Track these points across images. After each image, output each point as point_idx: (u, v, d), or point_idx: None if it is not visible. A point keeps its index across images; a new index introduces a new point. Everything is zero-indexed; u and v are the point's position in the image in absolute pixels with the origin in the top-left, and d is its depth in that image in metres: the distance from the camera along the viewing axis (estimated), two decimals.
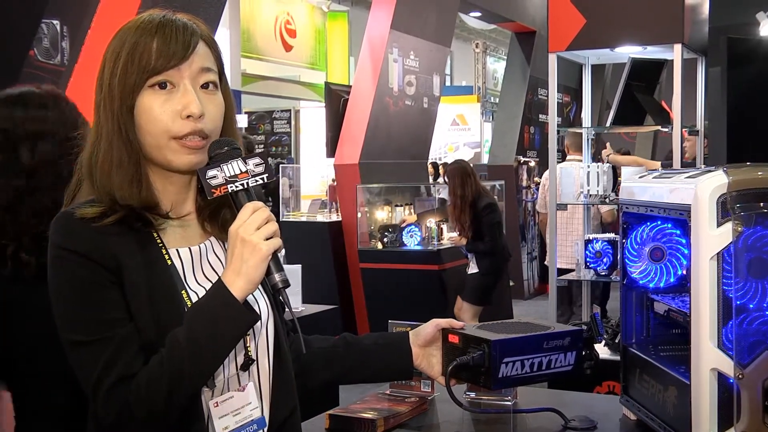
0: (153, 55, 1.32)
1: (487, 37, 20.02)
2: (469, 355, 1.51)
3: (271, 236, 1.29)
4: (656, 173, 1.82)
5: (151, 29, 1.33)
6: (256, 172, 1.33)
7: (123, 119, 1.32)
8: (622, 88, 4.39)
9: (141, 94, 1.32)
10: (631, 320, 1.87)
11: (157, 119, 1.32)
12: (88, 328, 1.27)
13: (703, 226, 1.44)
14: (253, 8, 13.16)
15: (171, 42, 1.33)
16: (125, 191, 1.32)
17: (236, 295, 1.27)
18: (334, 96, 7.76)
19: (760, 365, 1.42)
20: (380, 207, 7.44)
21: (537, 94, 10.84)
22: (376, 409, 1.93)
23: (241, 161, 1.33)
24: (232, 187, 1.32)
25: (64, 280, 1.29)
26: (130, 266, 1.29)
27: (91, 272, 1.28)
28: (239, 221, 1.30)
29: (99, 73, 1.37)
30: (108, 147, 1.34)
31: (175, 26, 1.34)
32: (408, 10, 7.56)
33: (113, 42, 1.36)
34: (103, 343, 1.26)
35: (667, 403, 1.62)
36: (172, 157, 1.34)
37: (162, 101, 1.32)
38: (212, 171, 1.32)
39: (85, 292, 1.28)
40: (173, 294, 1.32)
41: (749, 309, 1.43)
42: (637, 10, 4.33)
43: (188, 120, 1.32)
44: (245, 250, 1.28)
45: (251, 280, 1.29)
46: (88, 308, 1.28)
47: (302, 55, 14.46)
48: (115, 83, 1.33)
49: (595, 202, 4.51)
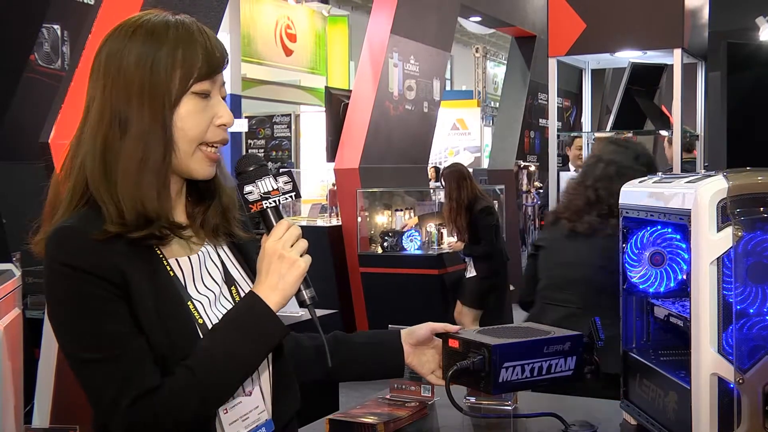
0: (200, 62, 1.32)
1: (487, 41, 20.05)
2: (469, 359, 1.51)
3: (303, 253, 1.32)
4: (656, 178, 1.82)
5: (190, 32, 1.33)
6: (286, 190, 1.36)
7: (167, 119, 1.31)
8: (622, 92, 4.40)
9: (185, 98, 1.32)
10: (631, 325, 1.87)
11: (196, 126, 1.33)
12: (100, 345, 1.24)
13: (703, 230, 1.44)
14: (254, 13, 13.17)
15: (215, 48, 1.35)
16: (154, 202, 1.29)
17: (273, 309, 1.30)
18: (334, 100, 7.76)
19: (760, 370, 1.42)
20: (380, 211, 7.44)
21: (537, 98, 10.85)
22: (376, 414, 1.93)
23: (272, 178, 1.36)
24: (266, 203, 1.35)
25: (68, 298, 1.25)
26: (136, 279, 1.27)
27: (98, 288, 1.24)
28: (274, 237, 1.32)
29: (122, 67, 1.31)
30: (140, 146, 1.29)
31: (209, 33, 1.36)
32: (408, 15, 7.57)
33: (137, 39, 1.31)
34: (117, 359, 1.24)
35: (668, 408, 1.62)
36: (195, 165, 1.35)
37: (201, 108, 1.33)
38: (248, 187, 1.35)
39: (92, 308, 1.25)
40: (180, 306, 1.32)
41: (749, 314, 1.43)
42: (637, 15, 4.33)
43: (220, 128, 1.35)
44: (283, 266, 1.30)
45: (286, 296, 1.31)
46: (97, 325, 1.25)
47: (302, 60, 14.48)
48: (158, 82, 1.30)
49: None
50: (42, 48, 5.92)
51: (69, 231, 1.27)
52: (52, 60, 6.00)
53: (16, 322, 3.14)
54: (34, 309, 4.07)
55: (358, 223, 7.12)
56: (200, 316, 1.33)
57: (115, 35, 1.34)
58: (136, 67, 1.31)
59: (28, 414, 3.51)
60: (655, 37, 4.32)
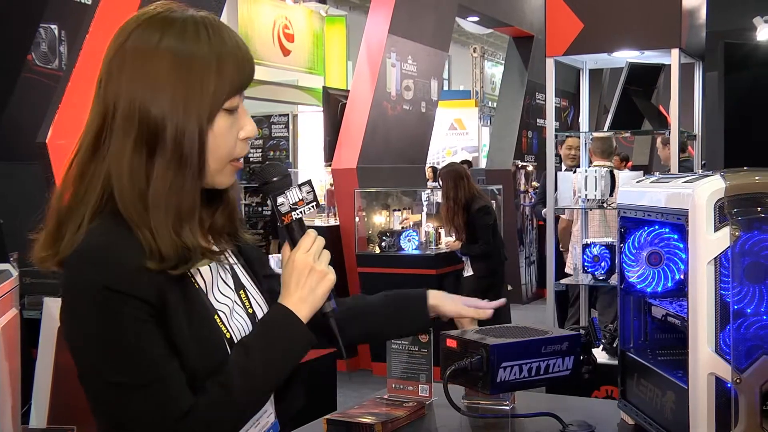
0: (234, 73, 1.24)
1: (485, 41, 20.05)
2: (467, 359, 1.51)
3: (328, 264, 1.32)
4: (654, 177, 1.82)
5: (221, 40, 1.24)
6: (309, 200, 1.35)
7: (204, 139, 1.22)
8: (620, 92, 4.40)
9: (218, 114, 1.24)
10: (629, 325, 1.87)
11: (226, 144, 1.27)
12: (141, 369, 1.17)
13: (700, 230, 1.44)
14: (251, 13, 13.16)
15: (247, 59, 1.27)
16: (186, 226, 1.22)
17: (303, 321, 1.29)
18: (332, 100, 7.76)
19: (757, 370, 1.42)
20: (378, 211, 7.44)
21: (535, 98, 10.85)
22: (374, 414, 1.93)
23: (298, 189, 1.35)
24: (294, 214, 1.34)
25: (106, 322, 1.17)
26: (171, 298, 1.21)
27: (136, 310, 1.17)
28: (303, 249, 1.31)
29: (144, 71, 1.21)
30: (172, 167, 1.20)
31: (238, 38, 1.27)
32: (406, 15, 7.57)
33: (168, 39, 1.21)
34: (155, 384, 1.18)
35: (665, 408, 1.62)
36: (223, 179, 1.30)
37: (231, 124, 1.27)
38: (281, 198, 1.33)
39: (130, 331, 1.17)
40: (209, 320, 1.27)
41: (747, 314, 1.43)
42: (634, 15, 4.34)
43: (244, 141, 1.30)
44: (313, 279, 1.30)
45: (315, 309, 1.31)
46: (135, 349, 1.17)
47: (300, 60, 14.46)
48: (193, 96, 1.21)
49: (592, 206, 4.51)
50: (39, 48, 5.91)
51: (102, 250, 1.18)
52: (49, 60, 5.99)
53: (14, 322, 3.14)
54: (32, 309, 4.07)
55: (355, 223, 7.12)
56: (227, 330, 1.29)
57: (139, 32, 1.23)
58: (169, 74, 1.21)
59: (25, 414, 3.50)
60: (653, 37, 4.32)
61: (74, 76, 4.05)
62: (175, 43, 1.21)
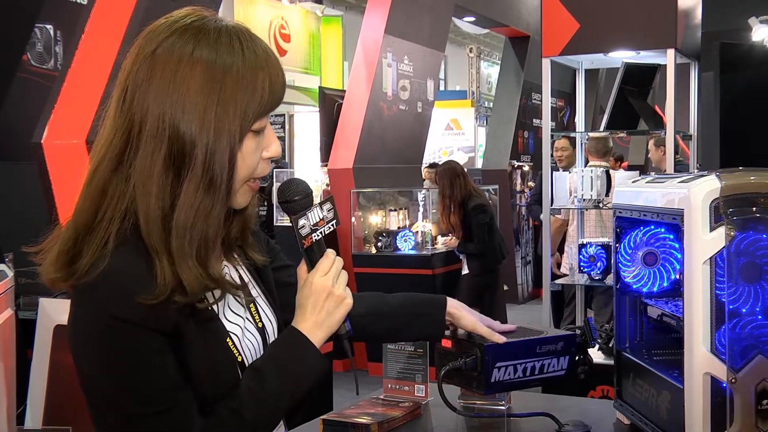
0: (267, 94, 1.18)
1: (481, 41, 20.06)
2: (461, 359, 1.51)
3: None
4: (649, 178, 1.82)
5: (256, 57, 1.17)
6: (329, 218, 1.30)
7: (234, 161, 1.16)
8: (616, 92, 4.40)
9: (247, 135, 1.18)
10: (624, 325, 1.87)
11: (250, 166, 1.20)
12: (152, 399, 1.14)
13: (696, 230, 1.44)
14: (248, 13, 13.15)
15: (280, 79, 1.20)
16: (210, 257, 1.16)
17: (317, 346, 1.25)
18: (328, 100, 7.76)
19: (752, 369, 1.42)
20: (374, 211, 7.44)
21: (531, 98, 10.86)
22: (370, 414, 1.93)
23: (319, 209, 1.28)
24: (315, 236, 1.28)
25: (116, 351, 1.12)
26: (186, 327, 1.17)
27: (150, 340, 1.12)
28: (321, 272, 1.26)
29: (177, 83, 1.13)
30: (200, 190, 1.14)
31: (271, 54, 1.20)
32: (402, 15, 7.57)
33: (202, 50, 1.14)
34: (166, 413, 1.14)
35: (661, 408, 1.62)
36: (240, 200, 1.24)
37: (257, 146, 1.21)
38: (301, 221, 1.26)
39: (144, 361, 1.13)
40: (222, 344, 1.23)
41: (742, 313, 1.43)
42: (630, 15, 4.34)
43: (266, 162, 1.24)
44: (331, 304, 1.25)
45: (330, 333, 1.27)
46: (148, 379, 1.13)
47: (296, 60, 14.46)
48: (226, 115, 1.14)
49: (588, 206, 4.51)
50: (35, 48, 5.90)
51: (123, 279, 1.12)
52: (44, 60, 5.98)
53: (9, 322, 3.13)
54: (27, 310, 4.06)
55: (352, 223, 7.12)
56: (239, 353, 1.25)
57: (173, 40, 1.15)
58: (202, 91, 1.14)
59: (20, 415, 3.50)
60: (649, 38, 4.32)
61: (70, 76, 4.04)
62: (208, 55, 1.15)
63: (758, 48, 6.60)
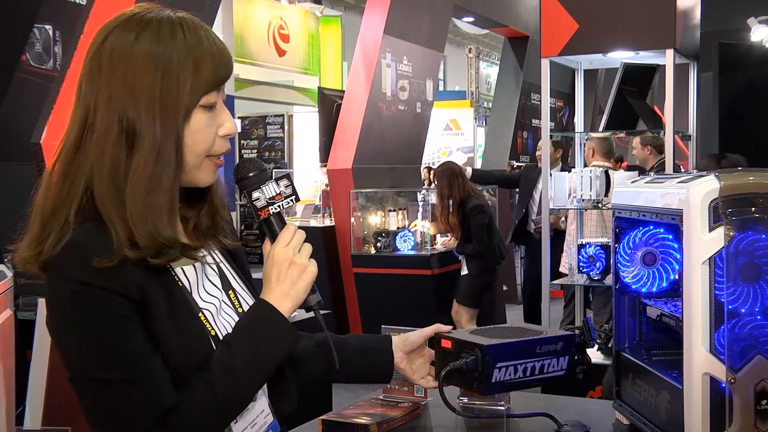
0: (209, 70, 1.26)
1: (480, 42, 20.07)
2: (462, 360, 1.51)
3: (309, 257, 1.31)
4: (648, 178, 1.82)
5: (198, 39, 1.26)
6: (287, 194, 1.34)
7: (180, 135, 1.24)
8: (615, 93, 4.41)
9: (194, 111, 1.26)
10: (623, 325, 1.87)
11: (204, 140, 1.28)
12: (121, 364, 1.19)
13: (695, 230, 1.44)
14: (247, 13, 13.15)
15: (224, 56, 1.29)
16: (164, 220, 1.23)
17: (285, 316, 1.28)
18: (327, 101, 7.76)
19: (751, 370, 1.42)
20: (373, 212, 7.44)
21: (530, 98, 10.87)
22: (369, 414, 1.93)
23: (275, 183, 1.33)
24: (272, 209, 1.32)
25: (86, 317, 1.19)
26: (153, 294, 1.22)
27: (118, 306, 1.19)
28: (283, 243, 1.30)
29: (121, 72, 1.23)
30: (150, 163, 1.22)
31: (215, 37, 1.29)
32: (401, 15, 7.57)
33: (144, 40, 1.23)
34: (136, 380, 1.19)
35: (660, 408, 1.63)
36: (203, 176, 1.31)
37: (209, 120, 1.28)
38: (256, 193, 1.32)
39: (112, 327, 1.19)
40: (193, 318, 1.28)
41: (741, 313, 1.43)
42: (629, 16, 4.34)
43: (224, 139, 1.31)
44: (294, 273, 1.29)
45: (297, 302, 1.30)
46: (117, 345, 1.19)
47: (295, 60, 14.45)
48: (169, 94, 1.23)
49: (587, 207, 4.52)
50: (34, 48, 5.90)
51: (83, 247, 1.19)
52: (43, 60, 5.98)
53: (8, 323, 3.13)
54: (26, 310, 4.06)
55: (351, 223, 7.12)
56: (212, 327, 1.30)
57: (117, 33, 1.25)
58: (145, 74, 1.23)
59: (19, 416, 3.50)
60: (648, 38, 4.33)
61: (69, 77, 4.05)
62: (150, 44, 1.24)
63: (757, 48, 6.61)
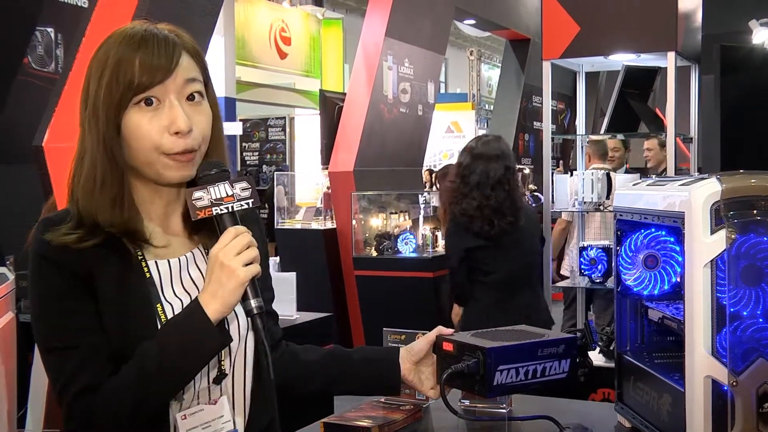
0: (137, 72, 1.31)
1: (482, 44, 20.08)
2: (464, 362, 1.51)
3: (250, 262, 1.30)
4: (650, 180, 1.82)
5: (133, 44, 1.33)
6: (243, 197, 1.33)
7: (108, 137, 1.32)
8: (616, 95, 4.41)
9: (127, 111, 1.31)
10: (625, 327, 1.87)
11: (145, 137, 1.32)
12: (60, 335, 1.31)
13: (696, 233, 1.44)
14: (248, 16, 13.16)
15: (154, 57, 1.32)
16: (107, 213, 1.32)
17: (211, 316, 1.28)
18: (328, 103, 7.76)
19: (753, 373, 1.42)
20: (375, 214, 7.44)
21: (531, 101, 10.87)
22: (370, 417, 1.93)
23: (228, 184, 1.33)
24: (216, 210, 1.32)
25: (40, 288, 1.32)
26: (104, 278, 1.32)
27: (66, 281, 1.30)
28: (220, 245, 1.30)
29: (83, 88, 1.36)
30: (91, 166, 1.33)
31: (157, 40, 1.33)
32: (402, 18, 7.57)
33: (97, 55, 1.35)
34: (73, 350, 1.30)
35: (662, 411, 1.62)
36: (163, 171, 1.34)
37: (149, 118, 1.32)
38: (198, 192, 1.32)
39: (58, 300, 1.31)
40: (146, 307, 1.33)
41: (743, 316, 1.43)
42: (630, 18, 4.35)
43: (177, 136, 1.32)
44: (223, 274, 1.29)
45: (226, 304, 1.29)
46: (61, 316, 1.31)
47: (297, 63, 14.47)
48: (100, 101, 1.32)
49: (589, 209, 4.52)
50: (35, 51, 5.90)
51: (47, 224, 1.33)
52: (45, 63, 5.99)
53: (10, 326, 3.13)
54: (28, 313, 4.06)
55: (352, 226, 7.11)
56: (167, 319, 1.34)
57: (102, 45, 1.37)
58: (91, 82, 1.34)
59: (21, 419, 3.50)
60: (649, 40, 4.33)
61: (71, 80, 4.04)
62: (99, 55, 1.34)
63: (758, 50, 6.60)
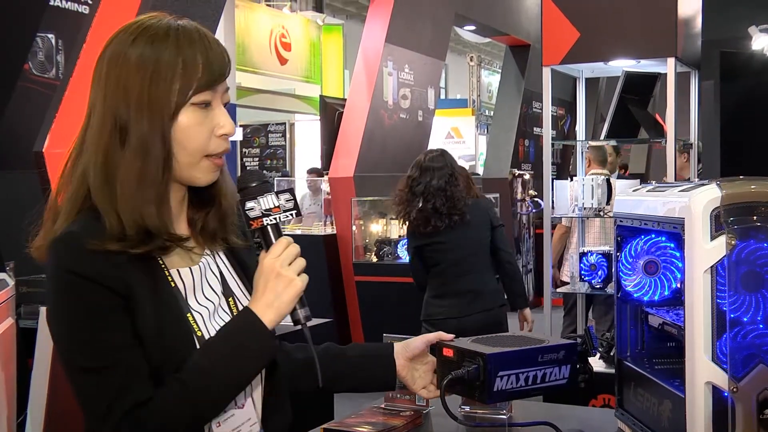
0: (200, 71, 1.30)
1: (482, 50, 20.10)
2: (464, 368, 1.51)
3: (301, 272, 1.32)
4: (650, 186, 1.82)
5: (190, 41, 1.31)
6: (287, 208, 1.36)
7: (166, 131, 1.29)
8: (616, 101, 4.41)
9: (184, 109, 1.30)
10: (625, 333, 1.87)
11: (197, 137, 1.32)
12: (98, 355, 1.25)
13: (696, 239, 1.44)
14: (248, 21, 13.18)
15: (216, 58, 1.33)
16: (152, 210, 1.28)
17: (268, 327, 1.29)
18: (329, 109, 7.77)
19: (754, 378, 1.42)
20: (375, 220, 7.44)
21: (531, 107, 10.87)
22: (371, 423, 1.92)
23: (274, 196, 1.36)
24: (267, 220, 1.35)
25: (71, 305, 1.25)
26: (139, 291, 1.27)
27: (102, 296, 1.24)
28: (273, 255, 1.32)
29: (110, 86, 1.30)
30: (138, 158, 1.28)
31: (210, 40, 1.33)
32: (403, 24, 7.58)
33: (138, 45, 1.30)
34: (114, 369, 1.24)
35: (662, 417, 1.62)
36: (200, 174, 1.34)
37: (201, 119, 1.32)
38: (250, 203, 1.35)
39: (94, 317, 1.25)
40: (180, 318, 1.32)
41: (743, 322, 1.43)
42: (630, 24, 4.35)
43: (222, 138, 1.34)
44: (279, 284, 1.30)
45: (281, 314, 1.31)
46: (98, 334, 1.25)
47: (297, 69, 14.48)
48: (157, 93, 1.28)
49: (589, 215, 4.51)
50: (36, 57, 5.91)
51: (74, 238, 1.26)
52: (46, 69, 5.99)
53: (10, 331, 3.13)
54: (28, 318, 4.06)
55: (352, 231, 7.11)
56: (199, 329, 1.33)
57: (118, 39, 1.32)
58: (136, 74, 1.29)
59: (21, 424, 3.49)
60: (649, 46, 4.33)
61: (71, 86, 4.05)
62: (143, 47, 1.30)
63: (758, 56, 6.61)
